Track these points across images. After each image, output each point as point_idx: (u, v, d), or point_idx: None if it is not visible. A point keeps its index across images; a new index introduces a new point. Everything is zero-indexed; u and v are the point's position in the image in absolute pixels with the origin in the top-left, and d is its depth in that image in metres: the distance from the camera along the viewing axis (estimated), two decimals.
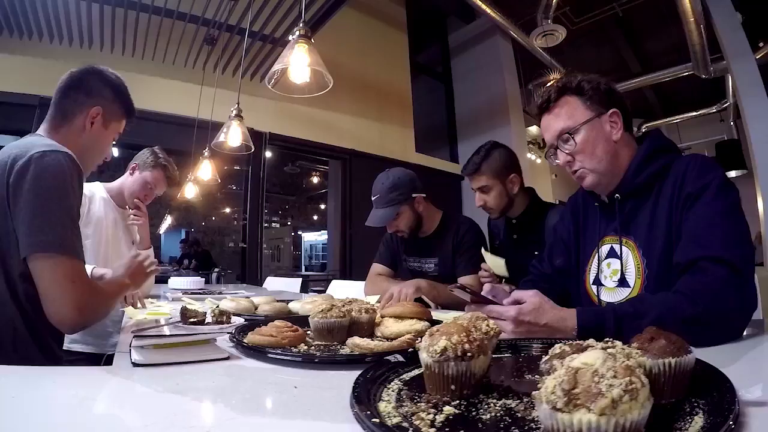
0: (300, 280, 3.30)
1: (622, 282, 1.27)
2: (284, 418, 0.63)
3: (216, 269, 4.93)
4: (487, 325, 0.81)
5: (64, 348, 1.27)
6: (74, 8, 3.79)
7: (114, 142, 1.48)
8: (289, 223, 14.02)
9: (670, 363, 0.58)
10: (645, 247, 1.23)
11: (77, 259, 1.06)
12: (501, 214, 2.13)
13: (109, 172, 4.04)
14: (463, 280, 2.08)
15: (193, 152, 3.92)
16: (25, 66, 4.01)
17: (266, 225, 13.23)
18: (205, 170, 3.27)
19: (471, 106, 7.24)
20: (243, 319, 1.41)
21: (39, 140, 1.18)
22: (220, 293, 2.52)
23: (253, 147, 2.56)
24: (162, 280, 3.12)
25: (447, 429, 0.53)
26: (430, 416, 0.56)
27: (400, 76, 6.90)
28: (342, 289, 2.73)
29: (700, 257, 1.02)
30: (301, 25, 1.67)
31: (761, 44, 5.71)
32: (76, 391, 0.73)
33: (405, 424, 0.54)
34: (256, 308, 1.65)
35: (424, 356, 0.66)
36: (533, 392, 0.48)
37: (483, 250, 1.94)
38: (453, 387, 0.63)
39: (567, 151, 1.29)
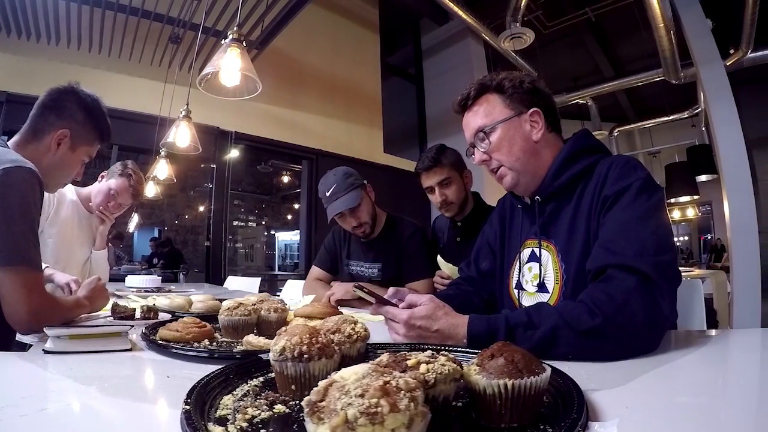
0: (259, 279, 3.31)
1: (542, 287, 1.24)
2: (137, 401, 0.68)
3: (182, 267, 4.89)
4: (353, 329, 0.81)
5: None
6: (41, 5, 3.76)
7: (86, 162, 1.52)
8: (263, 222, 13.95)
9: (506, 384, 0.53)
10: (564, 252, 1.19)
11: (36, 270, 1.15)
12: (458, 210, 2.13)
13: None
14: (413, 286, 2.04)
15: (155, 150, 3.89)
16: None
17: (242, 224, 13.18)
18: (162, 169, 3.25)
19: (442, 107, 7.22)
20: (170, 316, 1.48)
21: (4, 153, 1.22)
22: (169, 291, 2.55)
23: (200, 148, 2.54)
24: (122, 278, 3.12)
25: (259, 426, 0.54)
26: (256, 413, 0.57)
27: (370, 76, 6.89)
28: (295, 289, 2.75)
29: (609, 265, 0.96)
30: (235, 28, 1.68)
31: (732, 51, 5.78)
32: None
33: (229, 417, 0.56)
34: (191, 305, 1.68)
35: (270, 355, 0.67)
36: None
37: (439, 258, 1.95)
38: (294, 387, 0.65)
39: (483, 150, 1.27)
